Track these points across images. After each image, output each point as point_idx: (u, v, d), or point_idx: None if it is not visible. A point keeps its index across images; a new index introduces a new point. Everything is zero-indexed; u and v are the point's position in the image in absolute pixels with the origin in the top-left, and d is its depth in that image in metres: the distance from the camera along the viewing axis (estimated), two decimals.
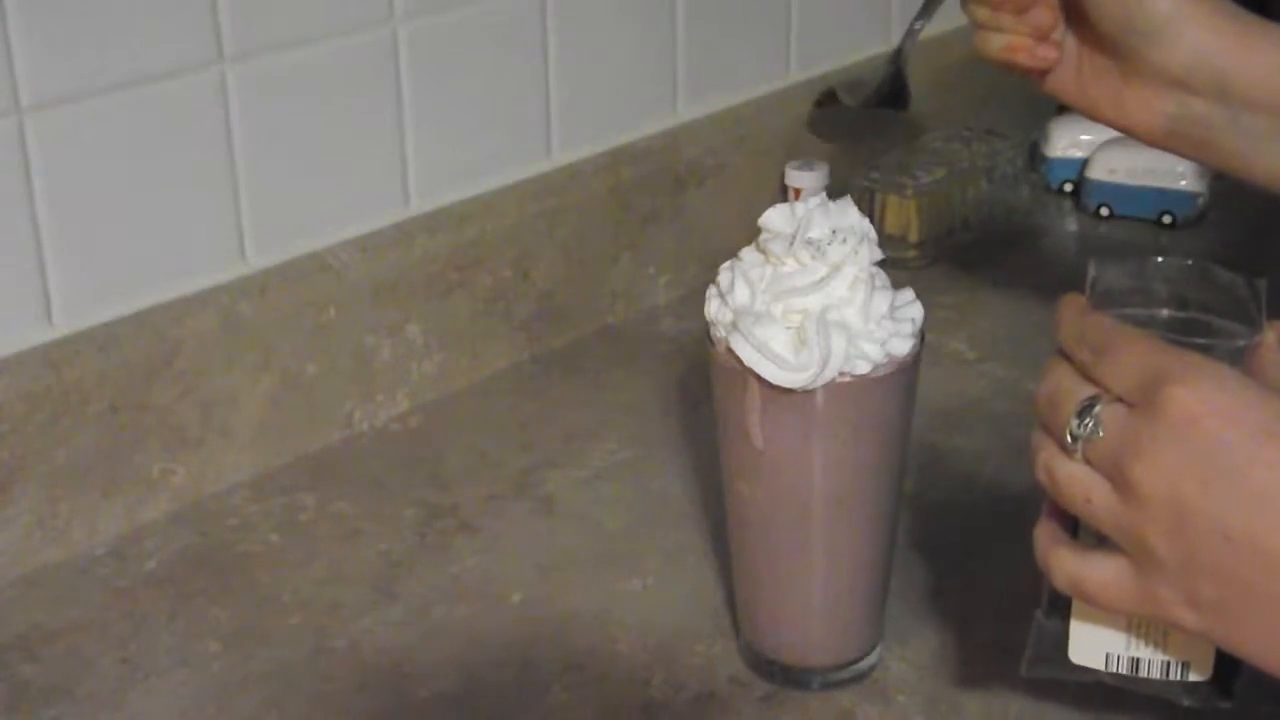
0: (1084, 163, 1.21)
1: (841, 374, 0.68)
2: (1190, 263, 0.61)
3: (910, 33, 0.95)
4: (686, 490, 0.90)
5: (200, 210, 0.89)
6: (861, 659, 0.76)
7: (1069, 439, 0.57)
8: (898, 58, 0.97)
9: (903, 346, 0.70)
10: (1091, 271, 0.62)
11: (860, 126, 1.11)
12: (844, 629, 0.75)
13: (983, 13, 0.78)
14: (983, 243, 1.17)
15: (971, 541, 0.85)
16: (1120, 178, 1.19)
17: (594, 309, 1.07)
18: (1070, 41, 0.78)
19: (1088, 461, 0.57)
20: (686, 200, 1.10)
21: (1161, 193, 1.18)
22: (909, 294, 0.72)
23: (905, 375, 0.71)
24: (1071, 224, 1.22)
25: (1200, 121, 0.76)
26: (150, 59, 0.85)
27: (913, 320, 0.71)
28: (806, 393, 0.68)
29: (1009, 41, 0.78)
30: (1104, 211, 1.21)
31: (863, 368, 0.69)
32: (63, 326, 0.85)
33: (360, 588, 0.83)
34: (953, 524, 0.87)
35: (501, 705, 0.75)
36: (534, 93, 1.03)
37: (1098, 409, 0.56)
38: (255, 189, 0.91)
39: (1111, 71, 0.77)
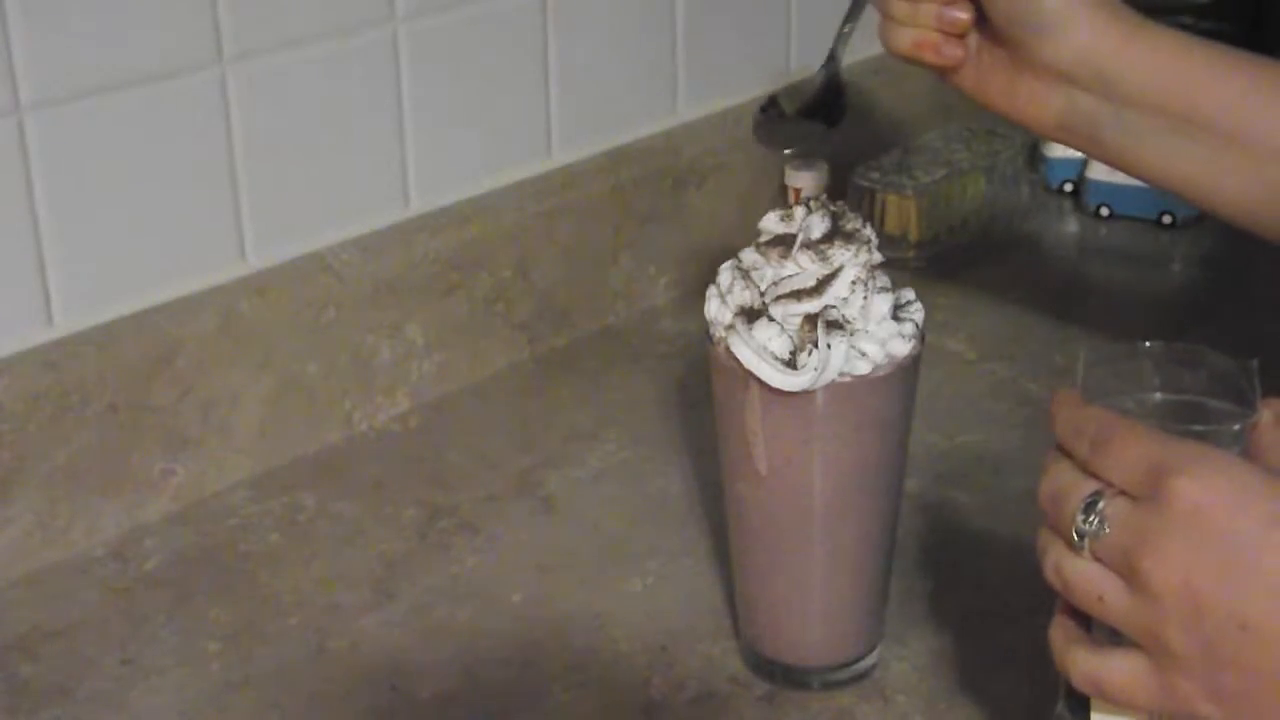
0: (1084, 162, 1.21)
1: (841, 375, 0.68)
2: (1180, 346, 0.61)
3: (840, 36, 0.86)
4: (686, 490, 0.90)
5: (200, 210, 0.89)
6: (861, 659, 0.76)
7: (1075, 537, 0.56)
8: (830, 65, 0.88)
9: (903, 347, 0.70)
10: (1082, 359, 0.61)
11: (793, 138, 0.99)
12: (844, 629, 0.75)
13: (901, 7, 0.78)
14: (983, 243, 1.17)
15: (971, 542, 0.85)
16: (1120, 177, 1.16)
17: (594, 309, 1.07)
18: (969, 34, 0.78)
19: (1096, 558, 0.56)
20: (686, 200, 1.10)
21: (1162, 193, 1.17)
22: (909, 294, 0.72)
23: (905, 375, 0.71)
24: (1071, 224, 1.22)
25: (1087, 117, 0.77)
26: (150, 59, 0.85)
27: (913, 320, 0.71)
28: (806, 394, 0.68)
29: (917, 38, 0.78)
30: (1104, 211, 1.20)
31: (863, 368, 0.69)
32: (63, 326, 0.85)
33: (360, 588, 0.83)
34: (953, 524, 0.87)
35: (501, 705, 0.75)
36: (534, 93, 1.03)
37: (1101, 505, 0.55)
38: (255, 189, 0.91)
39: (1005, 63, 0.78)
